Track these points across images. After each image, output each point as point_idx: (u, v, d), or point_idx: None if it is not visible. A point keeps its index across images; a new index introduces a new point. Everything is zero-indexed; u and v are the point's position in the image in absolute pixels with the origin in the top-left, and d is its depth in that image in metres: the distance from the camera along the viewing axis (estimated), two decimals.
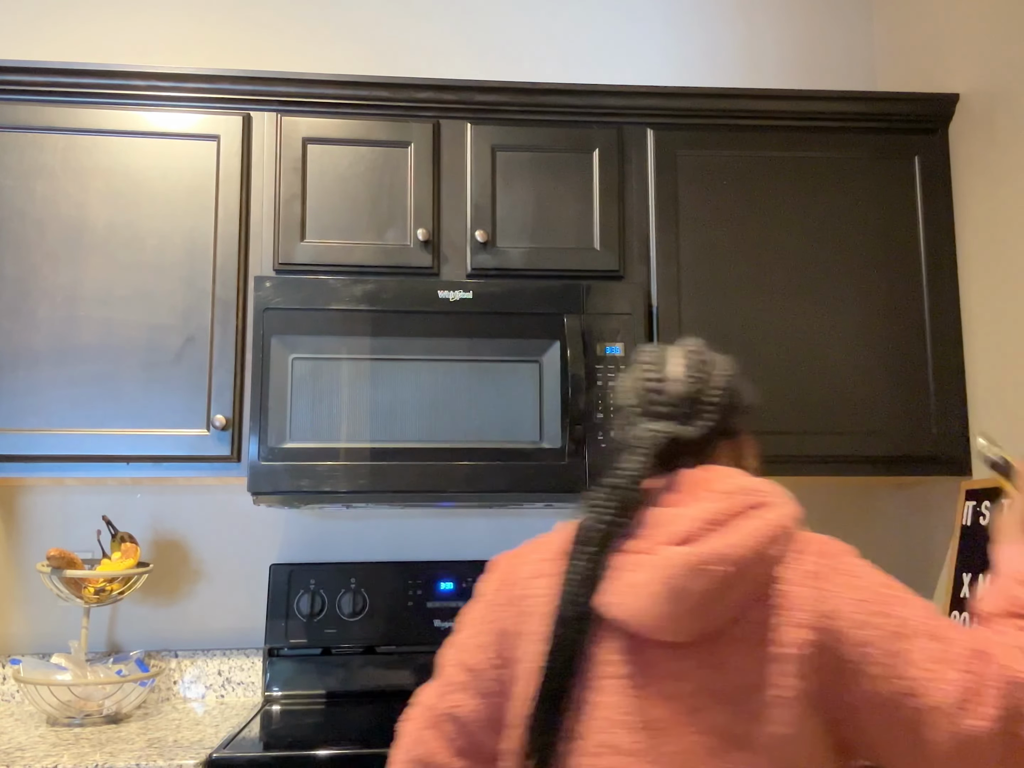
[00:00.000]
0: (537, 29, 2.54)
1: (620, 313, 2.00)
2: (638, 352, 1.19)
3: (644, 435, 1.08)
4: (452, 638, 1.14)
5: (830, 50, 2.60)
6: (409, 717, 1.12)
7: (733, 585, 0.95)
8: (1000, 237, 2.04)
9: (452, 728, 1.07)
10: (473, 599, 1.15)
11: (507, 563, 1.13)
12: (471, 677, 1.08)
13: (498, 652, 1.07)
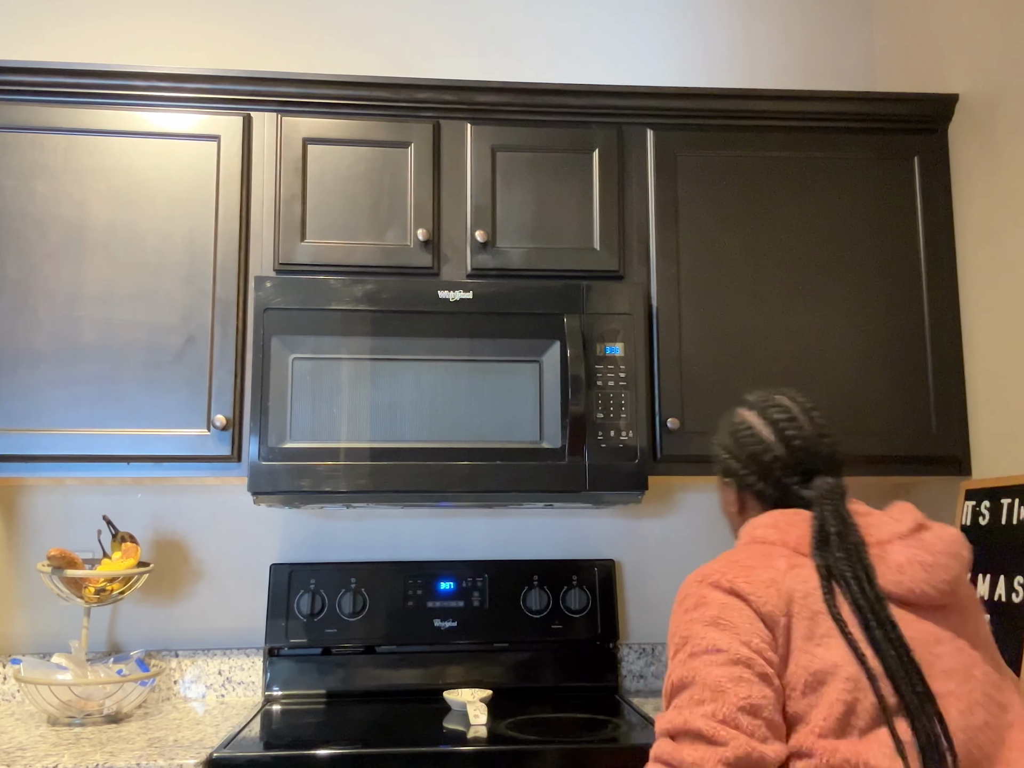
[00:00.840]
0: (537, 29, 2.55)
1: (620, 313, 2.00)
2: (761, 403, 1.43)
3: (824, 487, 1.32)
4: (696, 645, 1.20)
5: (830, 50, 2.61)
6: (669, 744, 1.16)
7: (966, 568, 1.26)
8: (999, 237, 2.04)
9: (748, 720, 1.14)
10: (702, 590, 1.25)
11: (732, 575, 1.24)
12: (746, 670, 1.16)
13: (767, 640, 1.19)
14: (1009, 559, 1.79)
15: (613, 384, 1.97)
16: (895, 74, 2.49)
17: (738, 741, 1.11)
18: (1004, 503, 1.86)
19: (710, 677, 1.16)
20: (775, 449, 1.38)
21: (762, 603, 1.20)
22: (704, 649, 1.18)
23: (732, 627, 1.19)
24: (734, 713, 1.13)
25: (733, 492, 1.45)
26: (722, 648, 1.17)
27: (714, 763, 1.10)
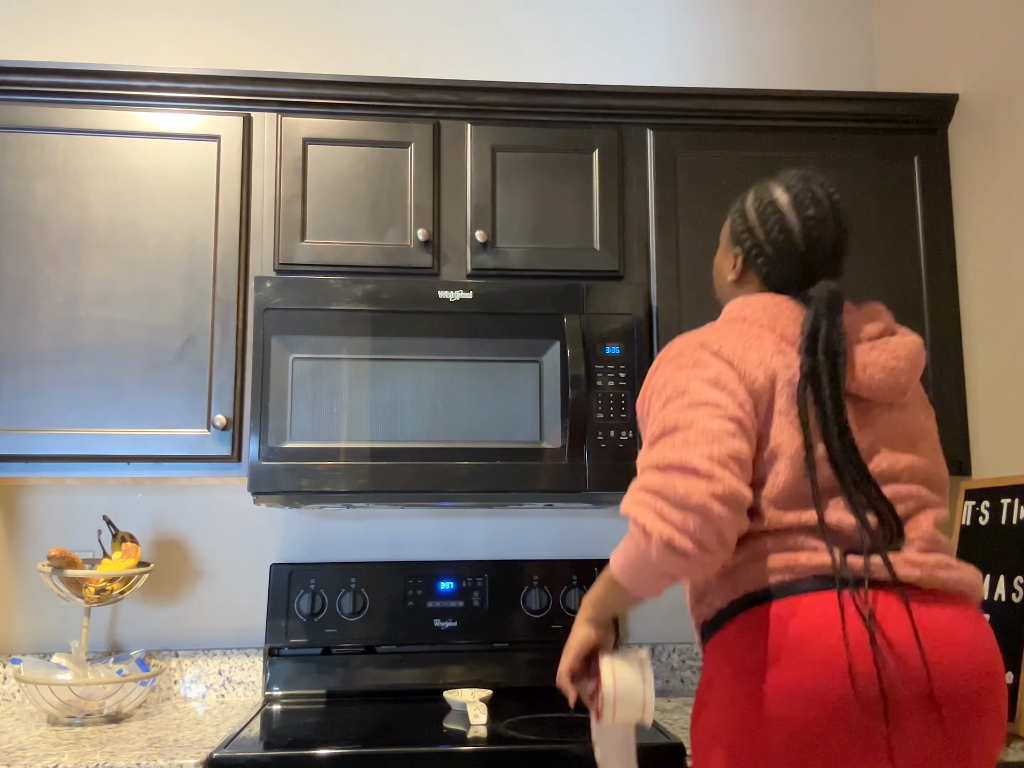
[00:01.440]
0: (537, 29, 2.55)
1: (620, 313, 2.00)
2: (799, 194, 1.43)
3: (826, 293, 1.36)
4: (698, 396, 1.30)
5: (830, 50, 2.61)
6: (664, 476, 1.25)
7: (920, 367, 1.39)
8: (1000, 237, 2.04)
9: (737, 468, 1.25)
10: (701, 354, 1.35)
11: (729, 349, 1.34)
12: (738, 427, 1.28)
13: (752, 406, 1.31)
14: (1009, 559, 1.79)
15: (613, 384, 1.97)
16: (895, 74, 2.49)
17: (729, 479, 1.22)
18: (1004, 503, 1.86)
19: (710, 426, 1.26)
20: (796, 242, 1.42)
21: (752, 380, 1.31)
22: (704, 402, 1.29)
23: (729, 390, 1.30)
24: (726, 459, 1.24)
25: (737, 263, 1.49)
26: (721, 405, 1.28)
27: (706, 494, 1.20)
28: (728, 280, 1.52)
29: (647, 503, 1.23)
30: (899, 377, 1.35)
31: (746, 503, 1.23)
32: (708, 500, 1.19)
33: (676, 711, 2.02)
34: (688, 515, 1.19)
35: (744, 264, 1.48)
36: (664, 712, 2.00)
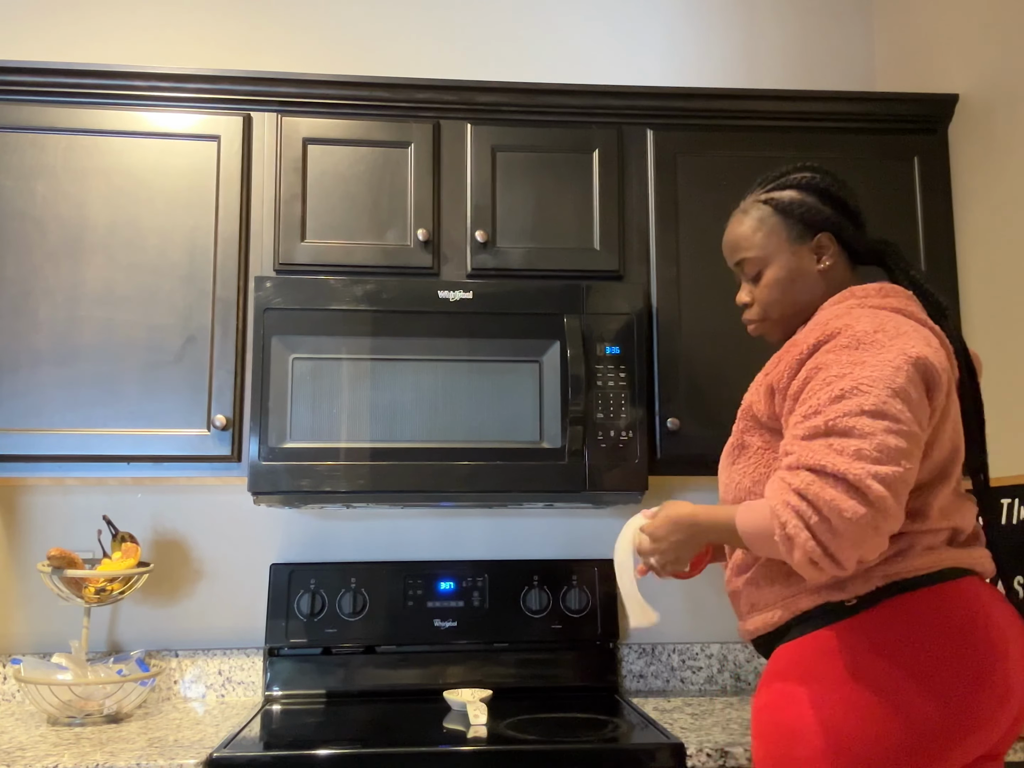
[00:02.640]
0: (537, 29, 2.55)
1: (620, 313, 2.00)
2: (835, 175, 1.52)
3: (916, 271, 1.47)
4: (887, 407, 1.24)
5: (829, 50, 2.61)
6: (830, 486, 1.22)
7: None
8: (1000, 237, 2.04)
9: (904, 489, 1.22)
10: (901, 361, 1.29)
11: (917, 350, 1.30)
12: (916, 448, 1.25)
13: (928, 419, 1.31)
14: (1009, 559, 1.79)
15: (613, 384, 1.97)
16: (895, 74, 2.49)
17: (894, 511, 1.18)
18: (1004, 503, 1.86)
19: (888, 442, 1.20)
20: (858, 215, 1.52)
21: (940, 389, 1.29)
22: (885, 412, 1.22)
23: (913, 404, 1.25)
24: (897, 483, 1.19)
25: (830, 247, 1.50)
26: (902, 421, 1.22)
27: (869, 526, 1.17)
28: (815, 271, 1.49)
29: (799, 511, 1.20)
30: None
31: (896, 526, 1.21)
32: (870, 533, 1.17)
33: (676, 711, 2.02)
34: (843, 541, 1.17)
35: (835, 243, 1.51)
36: (664, 712, 2.00)
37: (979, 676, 1.23)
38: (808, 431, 1.25)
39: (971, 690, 1.23)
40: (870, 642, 1.26)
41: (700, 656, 2.32)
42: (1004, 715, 1.25)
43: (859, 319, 1.33)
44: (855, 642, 1.27)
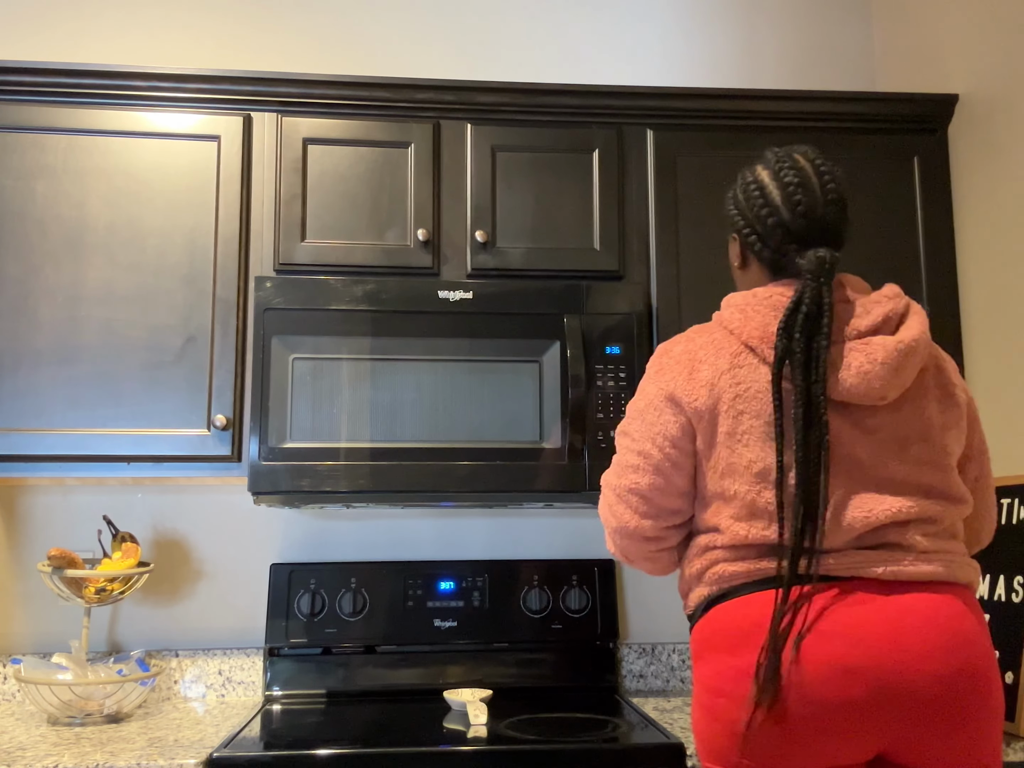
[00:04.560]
0: (537, 29, 2.55)
1: (620, 313, 2.00)
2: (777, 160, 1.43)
3: (814, 261, 1.35)
4: (625, 425, 1.45)
5: (830, 51, 2.61)
6: (601, 497, 1.48)
7: (920, 362, 1.35)
8: (1000, 237, 2.04)
9: (635, 499, 1.42)
10: (647, 384, 1.44)
11: (681, 353, 1.42)
12: (644, 461, 1.40)
13: (672, 437, 1.39)
14: (1009, 559, 1.79)
15: (613, 384, 1.97)
16: (895, 74, 2.49)
17: (622, 514, 1.42)
18: (1004, 503, 1.86)
19: (622, 458, 1.43)
20: (779, 213, 1.40)
21: (692, 399, 1.37)
22: (625, 431, 1.45)
23: (649, 421, 1.41)
24: (625, 492, 1.41)
25: (737, 248, 1.50)
26: (634, 437, 1.42)
27: (610, 529, 1.45)
28: (735, 267, 1.52)
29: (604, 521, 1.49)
30: (872, 383, 1.31)
31: (640, 531, 1.42)
32: (611, 534, 1.46)
33: (676, 711, 2.02)
34: (608, 536, 1.48)
35: (742, 248, 1.48)
36: (664, 712, 2.00)
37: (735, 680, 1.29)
38: None
39: (730, 696, 1.29)
40: (698, 648, 1.37)
41: None
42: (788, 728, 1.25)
43: (667, 344, 1.48)
44: (695, 647, 1.39)
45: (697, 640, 1.38)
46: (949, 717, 1.23)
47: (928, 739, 1.24)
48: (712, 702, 1.31)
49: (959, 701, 1.23)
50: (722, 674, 1.30)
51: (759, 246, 1.43)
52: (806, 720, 1.23)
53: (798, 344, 1.30)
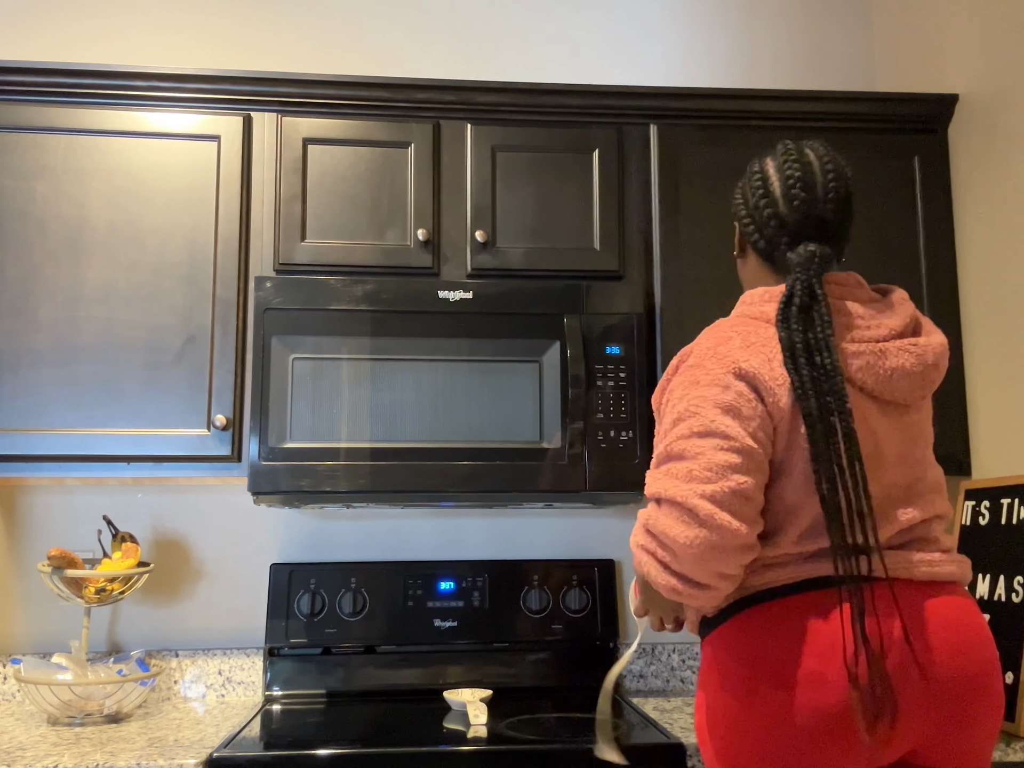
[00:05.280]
0: (537, 29, 2.55)
1: (620, 313, 2.00)
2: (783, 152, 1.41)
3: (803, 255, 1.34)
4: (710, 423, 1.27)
5: (830, 51, 2.61)
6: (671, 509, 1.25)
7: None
8: (1000, 237, 2.04)
9: (741, 503, 1.24)
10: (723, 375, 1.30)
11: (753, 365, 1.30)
12: (747, 460, 1.25)
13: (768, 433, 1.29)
14: (1009, 559, 1.79)
15: (613, 384, 1.97)
16: (895, 74, 2.49)
17: (726, 523, 1.21)
18: (1004, 503, 1.86)
19: (716, 459, 1.24)
20: (776, 205, 1.39)
21: (778, 398, 1.28)
22: (713, 431, 1.26)
23: (744, 417, 1.27)
24: (728, 496, 1.22)
25: (737, 235, 1.50)
26: (730, 435, 1.25)
27: (704, 545, 1.21)
28: (736, 255, 1.52)
29: (649, 549, 1.27)
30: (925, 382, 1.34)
31: (747, 540, 1.23)
32: (709, 551, 1.21)
33: (676, 711, 2.02)
34: (686, 564, 1.23)
35: (741, 237, 1.48)
36: (664, 712, 2.00)
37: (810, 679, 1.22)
38: (656, 459, 1.32)
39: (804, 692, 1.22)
40: (733, 651, 1.29)
41: (700, 656, 2.31)
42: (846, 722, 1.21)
43: (709, 336, 1.36)
44: (722, 651, 1.31)
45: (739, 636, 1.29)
46: (970, 714, 1.25)
47: (950, 736, 1.25)
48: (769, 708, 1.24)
49: (979, 698, 1.25)
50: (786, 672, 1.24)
51: (756, 236, 1.42)
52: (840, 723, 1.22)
53: (797, 335, 1.28)
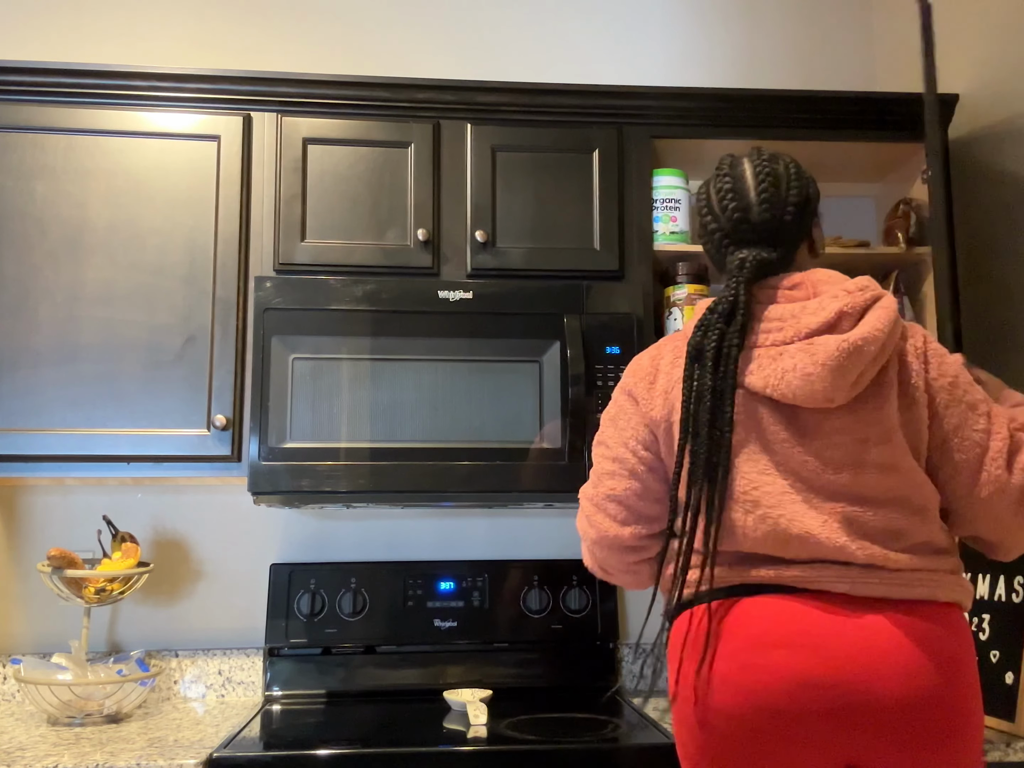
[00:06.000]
0: (537, 29, 2.54)
1: (620, 313, 2.00)
2: (718, 167, 1.45)
3: (733, 262, 1.39)
4: (600, 435, 1.47)
5: (830, 50, 2.60)
6: (579, 510, 1.49)
7: (876, 360, 1.28)
8: (1000, 237, 2.04)
9: (613, 506, 1.42)
10: (617, 392, 1.47)
11: (648, 362, 1.45)
12: (619, 466, 1.41)
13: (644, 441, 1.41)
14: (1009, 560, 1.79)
15: (613, 384, 1.97)
16: (896, 74, 2.49)
17: (600, 524, 1.42)
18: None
19: (599, 466, 1.45)
20: (717, 220, 1.44)
21: (649, 408, 1.41)
22: (600, 440, 1.47)
23: (620, 427, 1.43)
24: (603, 500, 1.42)
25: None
26: (608, 444, 1.44)
27: (590, 540, 1.45)
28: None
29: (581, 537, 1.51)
30: (815, 385, 1.27)
31: (619, 540, 1.41)
32: (592, 545, 1.46)
33: None
34: (586, 550, 1.48)
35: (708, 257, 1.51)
36: (664, 712, 2.00)
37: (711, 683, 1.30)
38: None
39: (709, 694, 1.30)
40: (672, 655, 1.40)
41: None
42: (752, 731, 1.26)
43: (645, 351, 1.50)
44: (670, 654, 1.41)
45: (671, 644, 1.40)
46: (912, 739, 1.22)
47: (892, 757, 1.24)
48: (680, 707, 1.35)
49: (922, 725, 1.22)
50: (686, 678, 1.33)
51: (709, 248, 1.48)
52: (768, 729, 1.24)
53: (709, 342, 1.33)
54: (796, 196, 1.40)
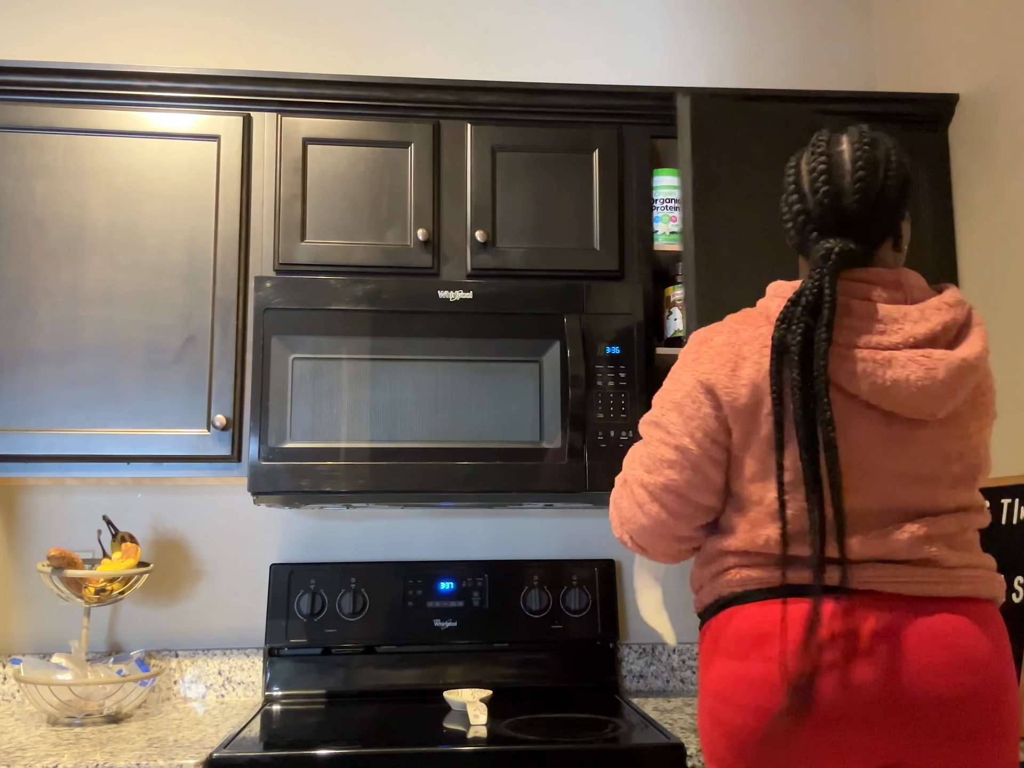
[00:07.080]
0: (538, 29, 2.54)
1: (620, 313, 2.00)
2: (813, 143, 1.36)
3: (820, 251, 1.30)
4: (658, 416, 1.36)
5: (830, 51, 2.61)
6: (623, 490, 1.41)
7: (976, 379, 1.29)
8: (1000, 237, 2.04)
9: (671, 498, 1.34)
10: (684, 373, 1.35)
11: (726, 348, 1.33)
12: (682, 457, 1.32)
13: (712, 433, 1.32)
14: (1009, 559, 1.79)
15: (613, 384, 1.97)
16: (895, 74, 2.49)
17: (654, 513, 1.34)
18: (1004, 503, 1.86)
19: (656, 451, 1.35)
20: (804, 201, 1.34)
21: (733, 398, 1.30)
22: (655, 422, 1.36)
23: (687, 415, 1.33)
24: (659, 490, 1.33)
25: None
26: (671, 431, 1.34)
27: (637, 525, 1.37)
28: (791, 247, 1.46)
29: (611, 508, 1.44)
30: (932, 399, 1.26)
31: (674, 532, 1.35)
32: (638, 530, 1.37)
33: (676, 711, 2.02)
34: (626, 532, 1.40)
35: (787, 236, 1.42)
36: (664, 712, 2.00)
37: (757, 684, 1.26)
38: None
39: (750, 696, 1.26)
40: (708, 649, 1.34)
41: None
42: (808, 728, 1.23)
43: (709, 328, 1.38)
44: (704, 647, 1.36)
45: (707, 641, 1.34)
46: (952, 738, 1.22)
47: (932, 758, 1.23)
48: (714, 706, 1.29)
49: (963, 723, 1.22)
50: (726, 679, 1.28)
51: (788, 230, 1.38)
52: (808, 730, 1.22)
53: (794, 336, 1.24)
54: (892, 188, 1.32)
